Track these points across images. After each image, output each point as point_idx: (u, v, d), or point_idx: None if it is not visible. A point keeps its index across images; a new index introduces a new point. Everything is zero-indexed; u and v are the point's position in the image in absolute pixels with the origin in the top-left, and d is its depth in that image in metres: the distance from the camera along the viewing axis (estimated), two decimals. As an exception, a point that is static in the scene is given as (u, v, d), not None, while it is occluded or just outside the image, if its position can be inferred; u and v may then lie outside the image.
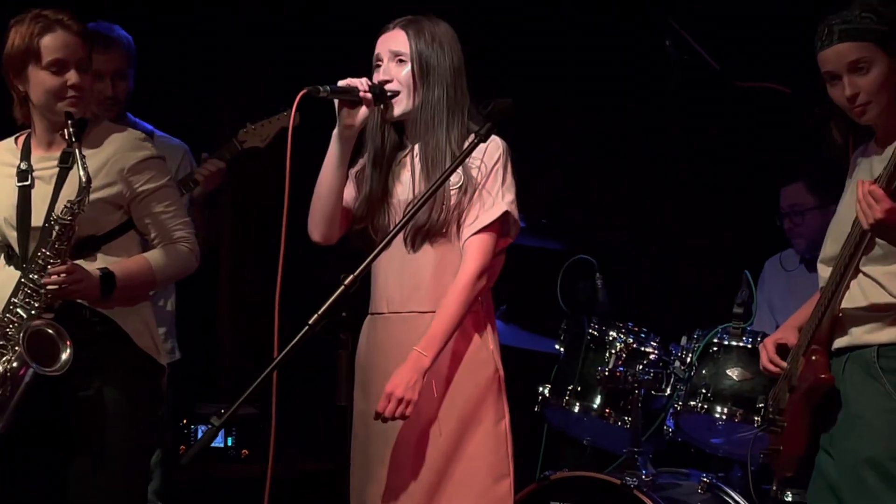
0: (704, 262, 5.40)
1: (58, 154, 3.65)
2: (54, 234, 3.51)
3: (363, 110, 3.41)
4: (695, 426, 4.45)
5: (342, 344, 3.09)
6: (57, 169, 3.63)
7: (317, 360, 3.45)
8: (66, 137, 3.54)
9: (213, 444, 4.68)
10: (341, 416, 3.15)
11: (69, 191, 3.57)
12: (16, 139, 3.74)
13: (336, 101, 3.40)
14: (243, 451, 5.20)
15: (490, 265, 3.43)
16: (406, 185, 3.49)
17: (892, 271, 3.14)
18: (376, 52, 3.53)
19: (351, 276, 2.97)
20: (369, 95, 3.40)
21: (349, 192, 3.57)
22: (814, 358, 3.24)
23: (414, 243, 3.47)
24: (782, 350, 3.42)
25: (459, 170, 3.40)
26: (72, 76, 3.59)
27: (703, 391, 4.37)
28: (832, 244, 3.30)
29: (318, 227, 3.53)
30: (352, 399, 3.32)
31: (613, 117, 5.52)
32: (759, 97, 3.34)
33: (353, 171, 3.56)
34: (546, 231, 4.86)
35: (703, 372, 4.40)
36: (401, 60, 3.48)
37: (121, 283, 3.57)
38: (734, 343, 4.38)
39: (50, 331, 3.48)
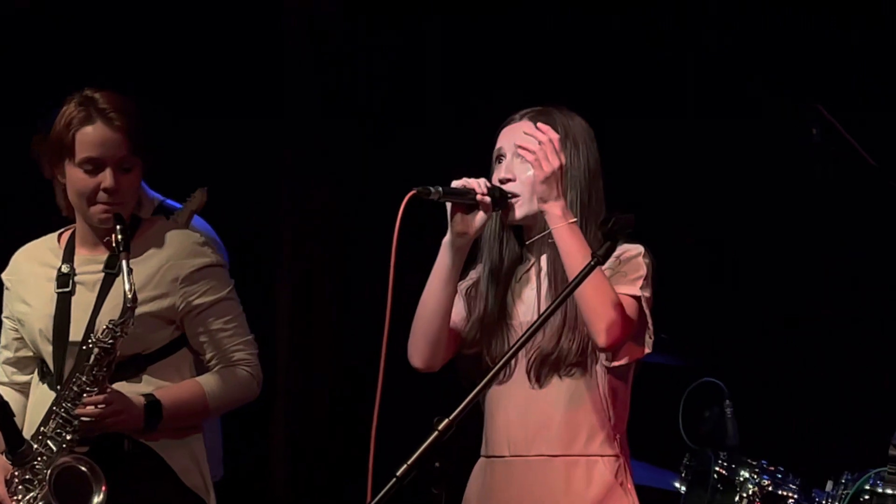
0: (856, 392, 5.22)
1: (104, 257, 3.54)
2: (93, 357, 3.40)
3: (480, 216, 3.25)
4: (843, 589, 4.30)
5: (435, 500, 2.98)
6: (102, 274, 3.52)
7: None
8: (115, 245, 3.42)
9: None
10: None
11: (115, 302, 3.46)
12: (59, 235, 3.65)
13: (448, 205, 3.25)
14: None
15: (629, 327, 3.21)
16: (529, 306, 3.33)
17: None
18: (498, 145, 3.38)
19: (447, 420, 2.78)
20: (488, 199, 3.24)
21: (458, 311, 3.39)
22: None
23: (539, 376, 3.30)
24: None
25: None
26: (106, 178, 3.46)
27: (854, 548, 4.24)
28: None
29: (420, 351, 3.37)
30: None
31: (745, 214, 5.41)
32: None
33: (462, 286, 3.41)
34: (666, 346, 4.58)
35: None
36: (526, 159, 3.31)
37: (168, 414, 3.46)
38: (890, 491, 4.20)
39: (83, 468, 3.37)
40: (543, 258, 3.33)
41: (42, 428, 3.41)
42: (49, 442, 3.39)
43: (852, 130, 4.38)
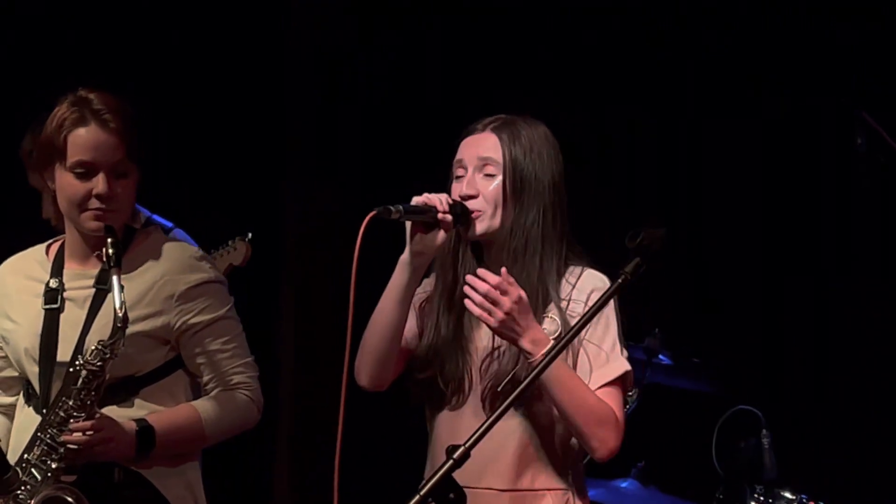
0: None
1: (95, 271, 3.45)
2: (80, 381, 3.30)
3: (441, 235, 3.21)
4: None
5: None
6: (93, 290, 3.43)
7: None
8: (105, 259, 3.33)
9: None
10: None
11: (105, 320, 3.37)
12: (47, 247, 3.55)
13: (408, 224, 3.21)
14: None
15: (620, 427, 3.21)
16: (487, 330, 3.24)
17: None
18: (458, 157, 3.33)
19: (462, 448, 2.75)
20: (449, 218, 3.20)
21: (409, 327, 3.35)
22: None
23: (493, 405, 3.22)
24: None
25: (555, 317, 3.22)
26: (99, 183, 3.37)
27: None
28: None
29: (367, 369, 3.31)
30: None
31: (792, 234, 5.41)
32: None
33: (416, 300, 3.35)
34: (699, 372, 4.73)
35: None
36: (489, 173, 3.28)
37: (161, 441, 3.38)
38: None
39: (69, 498, 3.28)
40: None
41: (26, 455, 3.32)
42: (33, 470, 3.30)
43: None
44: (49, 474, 3.29)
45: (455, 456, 2.73)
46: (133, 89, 3.87)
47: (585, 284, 3.22)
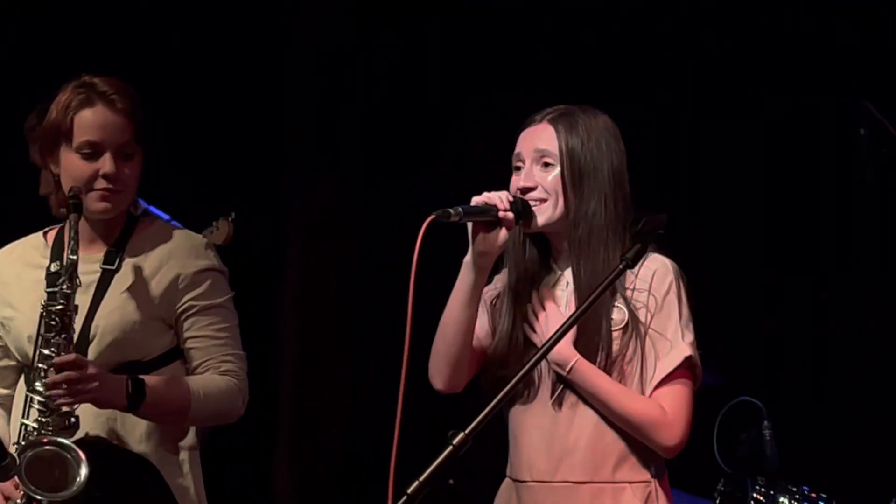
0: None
1: (100, 255, 3.47)
2: (43, 325, 3.32)
3: (503, 233, 3.21)
4: None
5: None
6: (99, 273, 3.44)
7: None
8: (67, 241, 3.34)
9: None
10: None
11: (114, 304, 3.42)
12: (45, 234, 3.57)
13: (469, 225, 3.21)
14: None
15: (687, 418, 3.28)
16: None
17: None
18: (517, 150, 3.34)
19: (462, 434, 2.74)
20: (510, 215, 3.20)
21: (482, 325, 3.36)
22: None
23: (562, 399, 3.26)
24: None
25: (622, 306, 3.23)
26: (105, 163, 3.39)
27: (902, 584, 4.13)
28: None
29: (441, 373, 3.34)
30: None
31: (794, 223, 5.43)
32: None
33: (486, 296, 3.37)
34: (701, 363, 4.49)
35: None
36: (547, 163, 3.28)
37: (151, 398, 3.36)
38: None
39: (51, 448, 3.27)
40: (568, 271, 3.29)
41: (23, 420, 3.33)
42: (33, 430, 3.30)
43: None
44: (48, 429, 3.28)
45: (455, 442, 2.72)
46: (136, 86, 3.87)
47: (647, 271, 3.22)
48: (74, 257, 3.29)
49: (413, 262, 3.05)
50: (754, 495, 4.39)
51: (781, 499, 4.36)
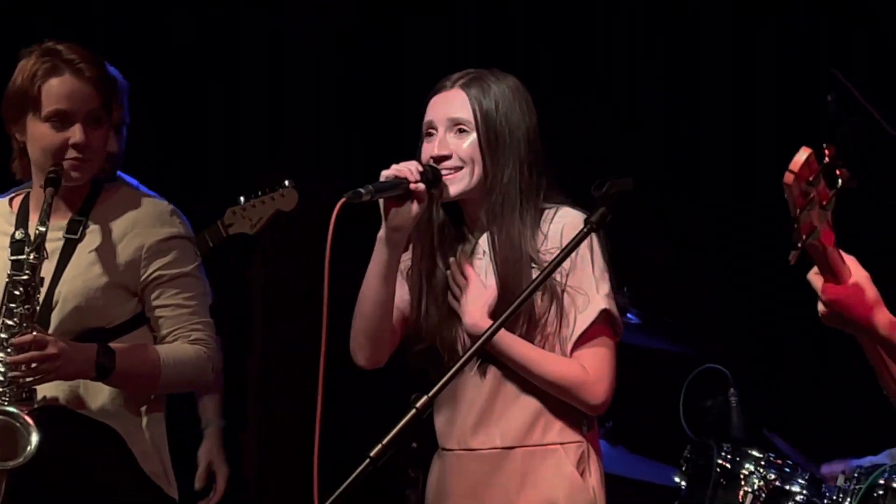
0: (870, 380, 5.06)
1: (64, 222, 3.48)
2: (7, 295, 3.33)
3: (416, 206, 3.17)
4: (853, 590, 4.26)
5: (411, 482, 3.16)
6: (62, 241, 3.45)
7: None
8: (42, 209, 3.36)
9: None
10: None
11: (77, 271, 3.43)
12: (10, 200, 3.58)
13: (381, 201, 3.19)
14: None
15: (610, 375, 3.24)
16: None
17: None
18: (428, 118, 3.29)
19: (424, 398, 2.74)
20: (422, 187, 3.16)
21: (401, 296, 3.35)
22: None
23: (485, 369, 3.26)
24: None
25: (535, 269, 3.19)
26: (75, 132, 3.39)
27: (866, 548, 4.23)
28: None
29: (362, 349, 3.33)
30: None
31: (761, 193, 5.16)
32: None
33: (403, 267, 3.34)
34: (668, 331, 4.77)
35: None
36: (462, 129, 3.25)
37: (121, 366, 3.37)
38: None
39: (16, 423, 3.27)
40: (485, 237, 3.27)
41: None
42: None
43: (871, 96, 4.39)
44: (4, 400, 3.27)
45: (418, 405, 2.72)
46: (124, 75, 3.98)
47: (556, 226, 3.21)
48: (44, 229, 3.30)
49: (327, 247, 3.00)
50: (720, 462, 4.42)
51: (747, 465, 4.39)
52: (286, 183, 4.32)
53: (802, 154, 2.50)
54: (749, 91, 5.18)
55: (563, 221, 3.19)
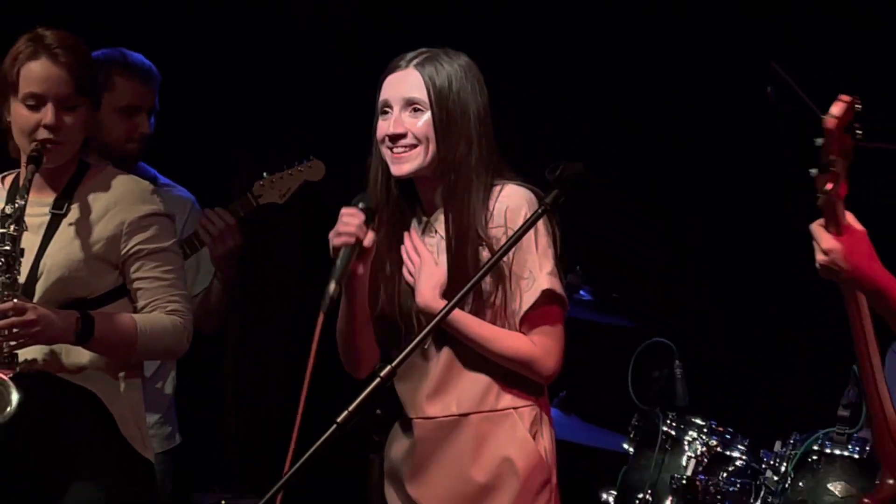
0: (807, 354, 5.30)
1: (50, 199, 3.56)
2: None
3: (370, 250, 3.20)
4: (788, 549, 4.32)
5: (374, 447, 3.12)
6: (48, 216, 3.54)
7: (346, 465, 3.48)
8: (23, 185, 3.44)
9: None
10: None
11: (60, 244, 3.51)
12: (3, 178, 3.67)
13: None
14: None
15: (559, 348, 3.30)
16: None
17: None
18: (383, 97, 3.30)
19: (388, 367, 2.83)
20: (371, 235, 3.16)
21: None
22: None
23: (438, 343, 3.30)
24: None
25: (484, 248, 3.22)
26: (47, 114, 3.49)
27: (800, 509, 4.25)
28: None
29: (355, 367, 3.38)
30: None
31: (706, 177, 5.51)
32: (887, 162, 3.26)
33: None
34: (617, 306, 4.79)
35: (801, 485, 4.28)
36: (417, 108, 3.26)
37: (100, 333, 3.45)
38: (838, 452, 4.26)
39: None
40: (438, 215, 3.30)
41: None
42: None
43: (808, 88, 4.30)
44: None
45: (381, 374, 2.80)
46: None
47: (501, 206, 3.23)
48: (23, 202, 3.39)
49: (310, 361, 2.98)
50: (665, 429, 4.49)
51: (690, 432, 4.47)
52: (311, 157, 4.34)
53: (844, 101, 2.57)
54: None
55: (507, 202, 3.22)
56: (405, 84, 3.27)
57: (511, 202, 3.24)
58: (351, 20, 5.81)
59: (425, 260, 3.29)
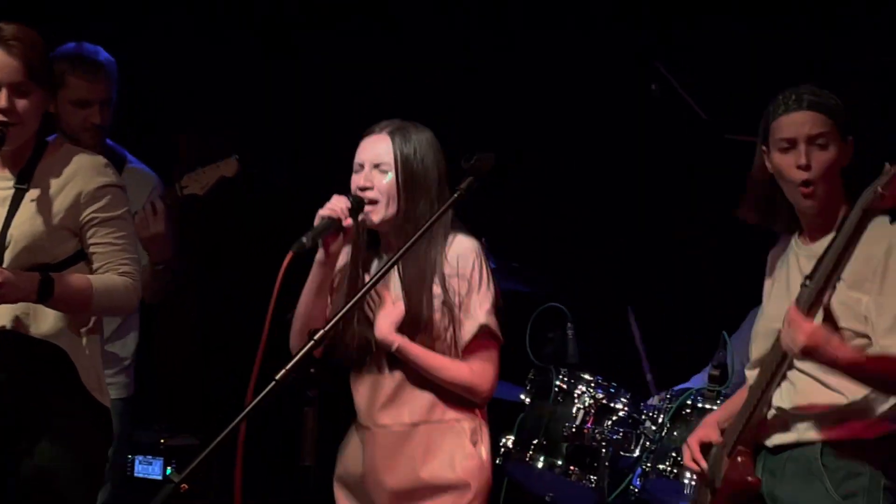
0: (684, 318, 5.46)
1: (14, 176, 3.71)
2: None
3: (346, 236, 3.57)
4: (663, 489, 4.52)
5: (309, 401, 3.17)
6: (13, 190, 3.68)
7: (282, 418, 3.56)
8: None
9: (150, 476, 4.92)
10: (305, 477, 3.18)
11: (25, 216, 3.65)
12: None
13: (321, 240, 3.53)
14: (183, 485, 5.19)
15: (493, 375, 3.64)
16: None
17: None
18: (357, 158, 3.65)
19: (321, 332, 3.08)
20: (351, 222, 3.53)
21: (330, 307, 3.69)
22: (739, 459, 3.38)
23: (391, 364, 3.62)
24: (705, 449, 3.56)
25: (438, 287, 3.56)
26: (1, 98, 3.61)
27: (674, 455, 4.44)
28: (762, 342, 3.41)
29: (301, 331, 3.63)
30: (315, 459, 3.31)
31: (597, 162, 5.62)
32: (751, 153, 3.56)
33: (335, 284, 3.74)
34: (517, 274, 4.95)
35: (675, 434, 4.46)
36: (384, 169, 3.61)
37: (59, 292, 3.59)
38: (708, 406, 4.43)
39: None
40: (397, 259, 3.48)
41: None
42: None
43: (689, 87, 4.66)
44: None
45: (315, 337, 3.04)
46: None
47: (453, 255, 3.57)
48: None
49: (273, 294, 3.27)
50: (557, 383, 4.71)
51: (580, 386, 4.68)
52: (229, 156, 4.49)
53: None
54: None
55: (458, 251, 3.57)
56: (376, 148, 3.63)
57: (459, 251, 3.59)
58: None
59: (385, 299, 3.60)
